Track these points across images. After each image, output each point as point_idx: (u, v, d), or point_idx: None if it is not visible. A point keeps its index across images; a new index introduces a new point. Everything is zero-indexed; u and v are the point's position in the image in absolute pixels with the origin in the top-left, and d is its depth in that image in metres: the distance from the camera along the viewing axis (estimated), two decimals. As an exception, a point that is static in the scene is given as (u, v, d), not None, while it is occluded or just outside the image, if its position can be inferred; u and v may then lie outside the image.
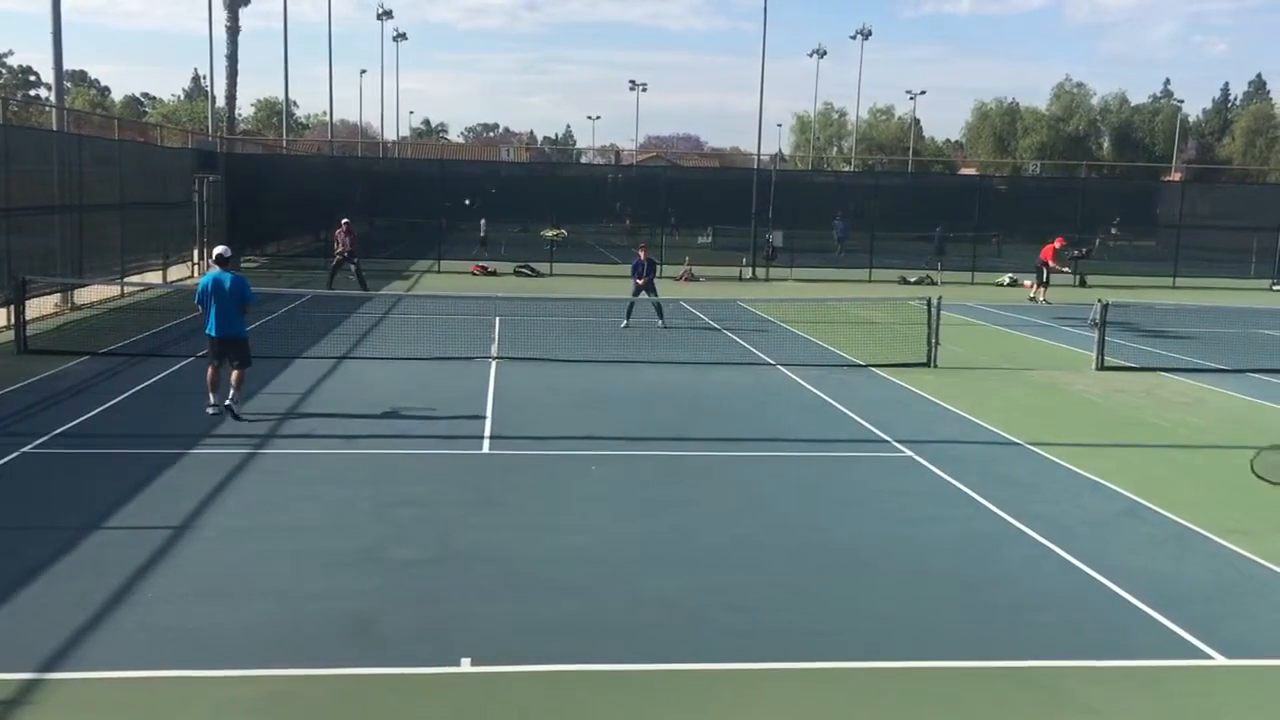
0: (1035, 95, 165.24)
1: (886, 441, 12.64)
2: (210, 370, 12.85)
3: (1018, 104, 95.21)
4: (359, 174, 42.60)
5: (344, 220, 27.92)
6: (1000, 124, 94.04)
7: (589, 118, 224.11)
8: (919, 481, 11.04)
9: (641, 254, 22.14)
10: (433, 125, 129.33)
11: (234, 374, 12.68)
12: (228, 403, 12.59)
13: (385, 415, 13.31)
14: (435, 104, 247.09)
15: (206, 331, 12.87)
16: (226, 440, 11.74)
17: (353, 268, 27.00)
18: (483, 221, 39.93)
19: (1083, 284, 35.29)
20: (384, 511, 9.44)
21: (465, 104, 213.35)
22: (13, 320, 17.25)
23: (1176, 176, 67.95)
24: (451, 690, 6.27)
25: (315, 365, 16.43)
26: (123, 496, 9.53)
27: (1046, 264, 29.94)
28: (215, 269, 12.94)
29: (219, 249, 13.33)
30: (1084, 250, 36.55)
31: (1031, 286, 30.74)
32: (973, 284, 35.45)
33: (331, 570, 8.00)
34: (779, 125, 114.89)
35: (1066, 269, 30.31)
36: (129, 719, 5.86)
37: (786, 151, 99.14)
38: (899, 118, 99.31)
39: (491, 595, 7.63)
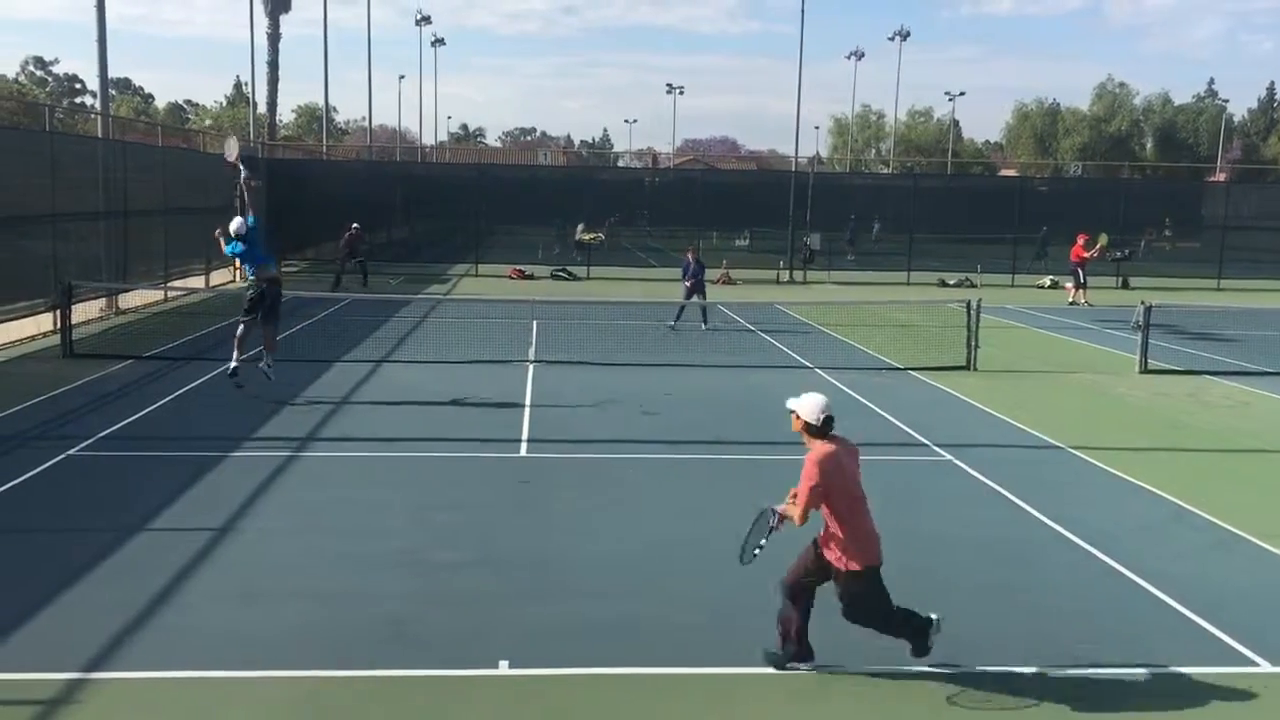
0: (1077, 95, 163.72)
1: (926, 445, 12.55)
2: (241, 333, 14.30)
3: (1059, 104, 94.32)
4: (398, 178, 42.90)
5: (354, 225, 29.54)
6: (1041, 125, 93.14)
7: (626, 121, 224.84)
8: (959, 485, 10.94)
9: (690, 257, 22.30)
10: (470, 130, 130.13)
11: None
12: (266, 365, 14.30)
13: (423, 418, 13.38)
14: (473, 108, 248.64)
15: None
16: (267, 443, 11.85)
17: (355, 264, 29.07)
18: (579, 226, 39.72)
19: (1125, 286, 34.87)
20: (422, 514, 9.49)
21: (503, 108, 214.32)
22: (59, 325, 17.51)
23: (1221, 177, 66.98)
24: (488, 692, 6.28)
25: (355, 368, 16.55)
26: (166, 498, 9.65)
27: (1082, 263, 29.64)
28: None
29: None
30: (1126, 252, 36.12)
31: (1071, 290, 30.41)
32: (1013, 286, 35.13)
33: (370, 572, 8.05)
34: (816, 128, 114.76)
35: (1094, 254, 29.78)
36: (171, 719, 5.93)
37: (824, 154, 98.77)
38: (938, 119, 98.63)
39: (529, 598, 7.65)
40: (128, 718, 5.93)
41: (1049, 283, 35.26)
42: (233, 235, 13.95)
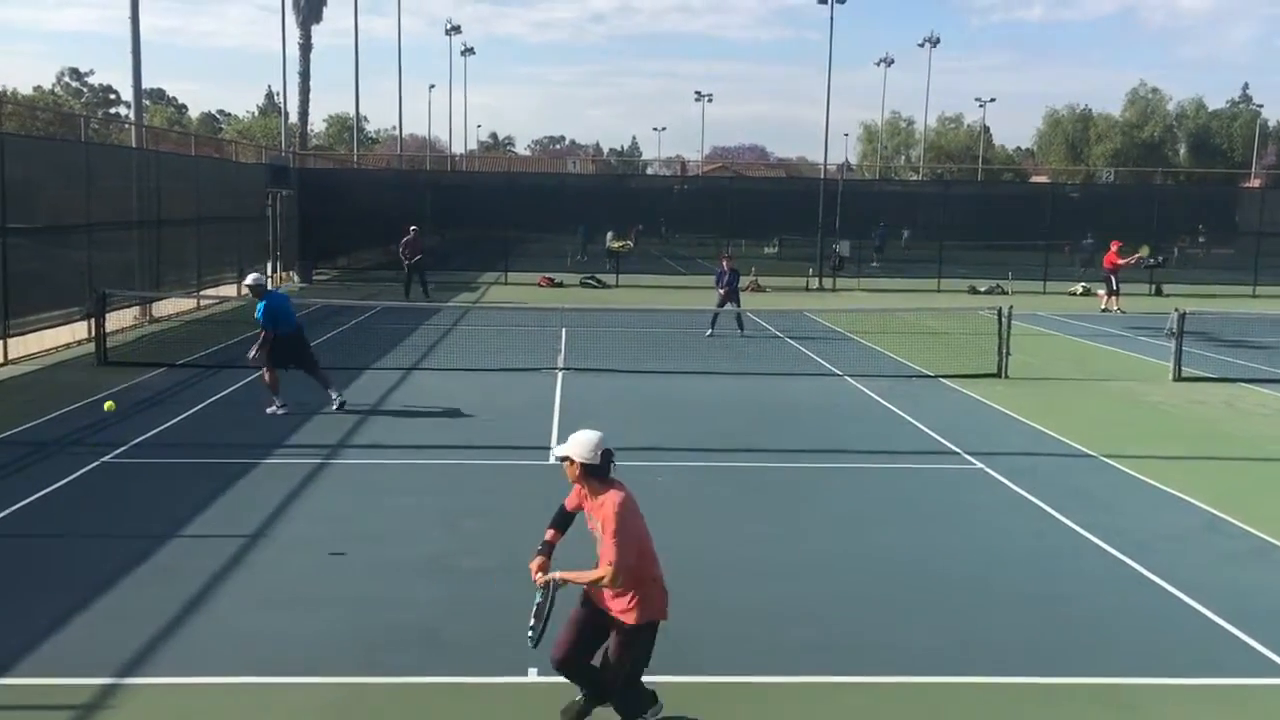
0: (1109, 101, 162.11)
1: (956, 453, 12.46)
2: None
3: (1090, 110, 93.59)
4: (427, 187, 43.05)
5: (413, 227, 28.68)
6: (1072, 131, 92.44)
7: (654, 129, 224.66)
8: (990, 494, 10.86)
9: (724, 264, 22.31)
10: (499, 138, 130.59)
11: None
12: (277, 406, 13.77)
13: (453, 425, 13.43)
14: (502, 117, 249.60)
15: None
16: (298, 450, 11.93)
17: (417, 274, 28.06)
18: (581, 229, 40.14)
19: (1159, 293, 34.52)
20: (452, 521, 9.52)
21: (532, 117, 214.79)
22: (93, 333, 17.71)
23: (1256, 183, 66.22)
24: (518, 700, 6.29)
25: (385, 376, 16.64)
26: (198, 505, 9.72)
27: (1115, 270, 29.40)
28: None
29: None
30: (1160, 258, 35.78)
31: (1104, 298, 30.15)
32: (1044, 293, 34.88)
33: (400, 579, 8.07)
34: (846, 135, 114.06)
35: (1131, 260, 29.52)
36: (203, 724, 5.96)
37: (854, 161, 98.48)
38: (968, 126, 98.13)
39: (559, 605, 7.63)
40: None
41: (1081, 289, 34.98)
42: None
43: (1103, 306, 29.84)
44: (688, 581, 8.22)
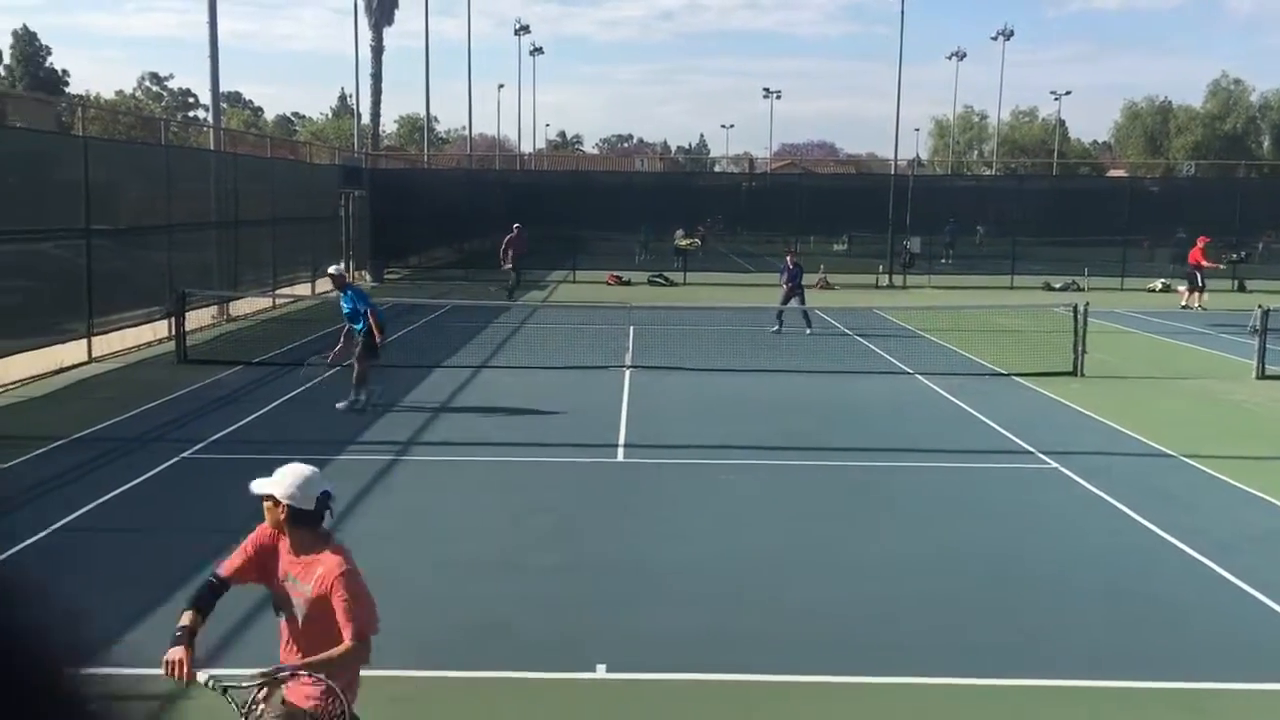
0: (1189, 93, 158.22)
1: (1030, 452, 12.26)
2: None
3: (1170, 102, 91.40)
4: (497, 186, 43.40)
5: (516, 225, 28.60)
6: (1151, 124, 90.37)
7: (723, 126, 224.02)
8: (1065, 494, 10.67)
9: (789, 260, 22.37)
10: (568, 137, 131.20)
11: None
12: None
13: (521, 423, 13.52)
14: (571, 116, 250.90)
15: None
16: (370, 447, 12.09)
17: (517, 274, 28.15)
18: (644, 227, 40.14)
19: (1242, 289, 33.61)
20: (520, 519, 9.58)
21: (600, 115, 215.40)
22: (174, 331, 18.13)
23: (1345, 175, 64.17)
24: (586, 696, 6.31)
25: (454, 374, 16.80)
26: (273, 500, 9.89)
27: (1199, 267, 28.64)
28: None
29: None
30: (1243, 254, 34.82)
31: (1185, 294, 29.38)
32: (1122, 290, 34.15)
33: (470, 575, 8.15)
34: (916, 130, 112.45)
35: (1219, 264, 28.70)
36: (278, 715, 6.07)
37: (924, 156, 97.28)
38: (1043, 119, 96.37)
39: (627, 603, 7.66)
40: (233, 715, 6.08)
41: (1160, 286, 34.19)
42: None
43: (1183, 303, 29.11)
44: (754, 580, 8.21)
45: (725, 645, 6.97)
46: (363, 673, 6.47)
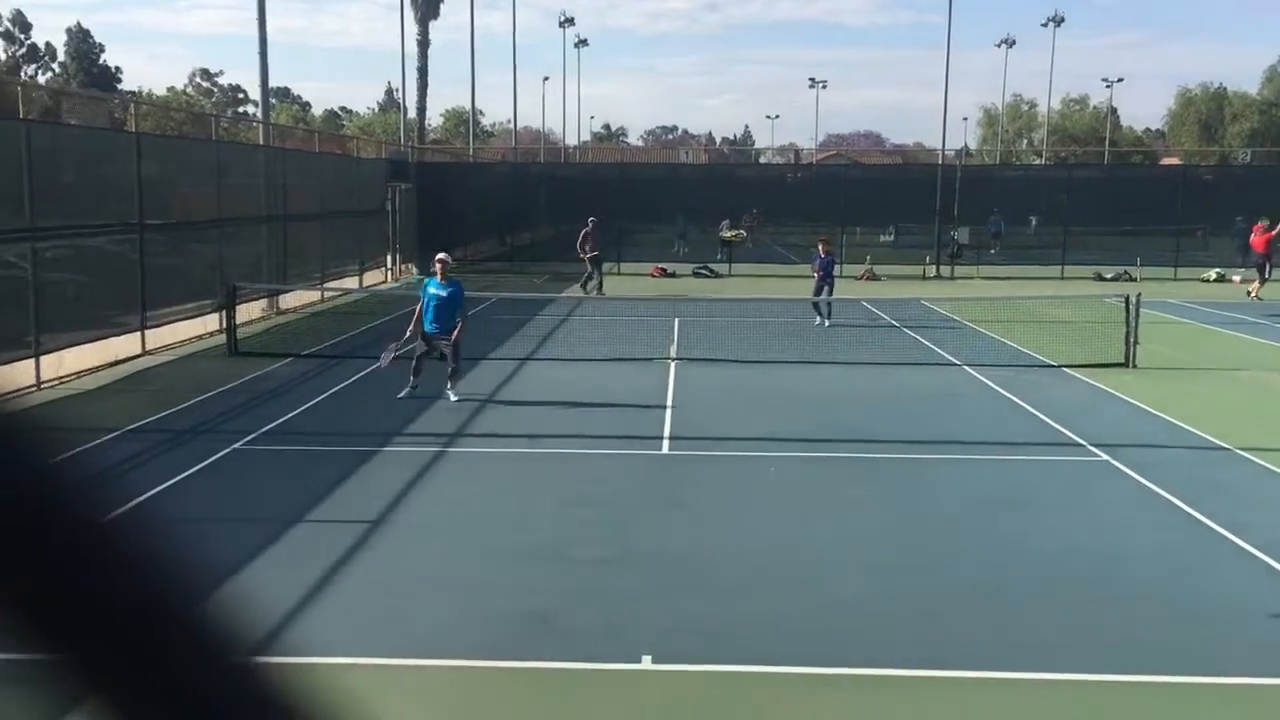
0: (1245, 79, 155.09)
1: (1081, 445, 12.11)
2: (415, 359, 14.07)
3: (1225, 89, 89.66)
4: (541, 179, 43.50)
5: (591, 220, 28.35)
6: (1206, 110, 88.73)
7: (768, 117, 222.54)
8: (1117, 487, 10.52)
9: (821, 250, 22.34)
10: (612, 129, 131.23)
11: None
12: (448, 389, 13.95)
13: (567, 415, 13.56)
14: (615, 108, 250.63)
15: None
16: (418, 439, 12.19)
17: (593, 269, 27.79)
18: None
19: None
20: (566, 510, 9.62)
21: (644, 107, 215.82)
22: (225, 324, 18.38)
23: (1407, 161, 62.65)
24: (632, 687, 6.33)
25: (500, 366, 16.89)
26: (323, 491, 10.02)
27: (1268, 256, 27.05)
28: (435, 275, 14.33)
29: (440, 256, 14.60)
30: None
31: (1254, 283, 27.85)
32: (1175, 280, 33.60)
33: (516, 566, 8.20)
34: (964, 119, 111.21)
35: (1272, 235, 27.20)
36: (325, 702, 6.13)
37: (973, 146, 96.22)
38: (1094, 107, 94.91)
39: (673, 594, 7.67)
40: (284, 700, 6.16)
41: (1214, 276, 33.55)
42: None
43: (1248, 291, 27.91)
44: (799, 572, 8.18)
45: (770, 636, 6.95)
46: (408, 661, 6.55)
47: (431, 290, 14.09)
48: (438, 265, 14.29)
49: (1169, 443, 12.31)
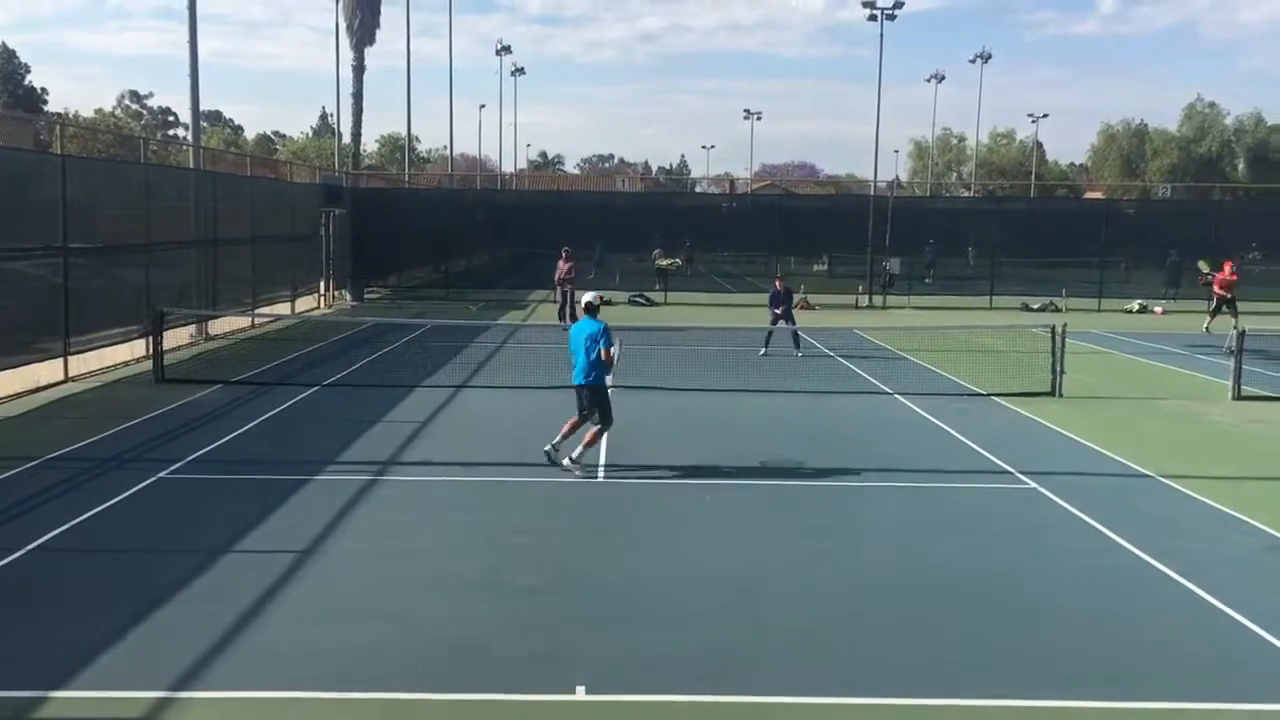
0: (1164, 117, 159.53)
1: (1009, 473, 12.30)
2: (572, 419, 12.51)
3: (1146, 126, 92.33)
4: (478, 206, 43.40)
5: (565, 249, 27.67)
6: (1128, 146, 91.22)
7: (703, 147, 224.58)
8: (1044, 514, 10.70)
9: (778, 285, 22.69)
10: (549, 157, 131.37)
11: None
12: (552, 447, 12.23)
13: (502, 443, 13.47)
14: (552, 136, 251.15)
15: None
16: (349, 467, 12.03)
17: (565, 298, 26.69)
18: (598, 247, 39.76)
19: (1218, 310, 33.72)
20: (500, 539, 9.54)
21: (581, 136, 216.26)
22: (151, 350, 18.01)
23: (1318, 197, 64.82)
24: (565, 717, 6.27)
25: (434, 394, 16.74)
26: (251, 520, 9.83)
27: (1225, 295, 25.81)
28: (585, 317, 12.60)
29: (588, 296, 12.85)
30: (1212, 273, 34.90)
31: (1232, 320, 26.48)
32: (1099, 311, 34.40)
33: (449, 596, 8.11)
34: (896, 151, 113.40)
35: (1203, 281, 27.01)
36: (255, 738, 6.01)
37: (904, 178, 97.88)
38: (1020, 141, 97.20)
39: (607, 624, 7.63)
40: None
41: (1137, 307, 34.41)
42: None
43: (1212, 327, 26.29)
44: (735, 601, 8.19)
45: (705, 666, 6.94)
46: (338, 694, 6.43)
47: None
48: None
49: (1094, 470, 12.55)
